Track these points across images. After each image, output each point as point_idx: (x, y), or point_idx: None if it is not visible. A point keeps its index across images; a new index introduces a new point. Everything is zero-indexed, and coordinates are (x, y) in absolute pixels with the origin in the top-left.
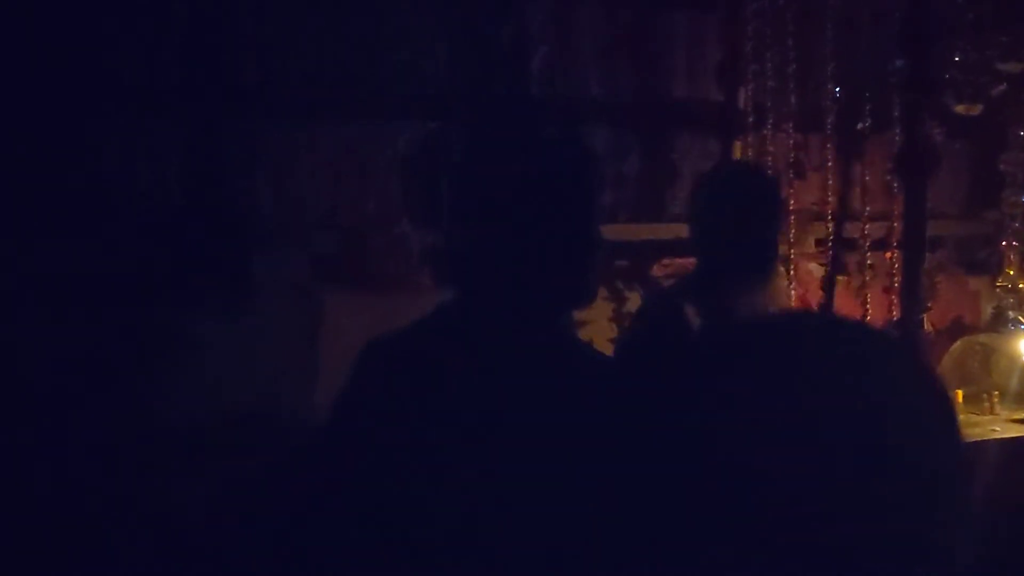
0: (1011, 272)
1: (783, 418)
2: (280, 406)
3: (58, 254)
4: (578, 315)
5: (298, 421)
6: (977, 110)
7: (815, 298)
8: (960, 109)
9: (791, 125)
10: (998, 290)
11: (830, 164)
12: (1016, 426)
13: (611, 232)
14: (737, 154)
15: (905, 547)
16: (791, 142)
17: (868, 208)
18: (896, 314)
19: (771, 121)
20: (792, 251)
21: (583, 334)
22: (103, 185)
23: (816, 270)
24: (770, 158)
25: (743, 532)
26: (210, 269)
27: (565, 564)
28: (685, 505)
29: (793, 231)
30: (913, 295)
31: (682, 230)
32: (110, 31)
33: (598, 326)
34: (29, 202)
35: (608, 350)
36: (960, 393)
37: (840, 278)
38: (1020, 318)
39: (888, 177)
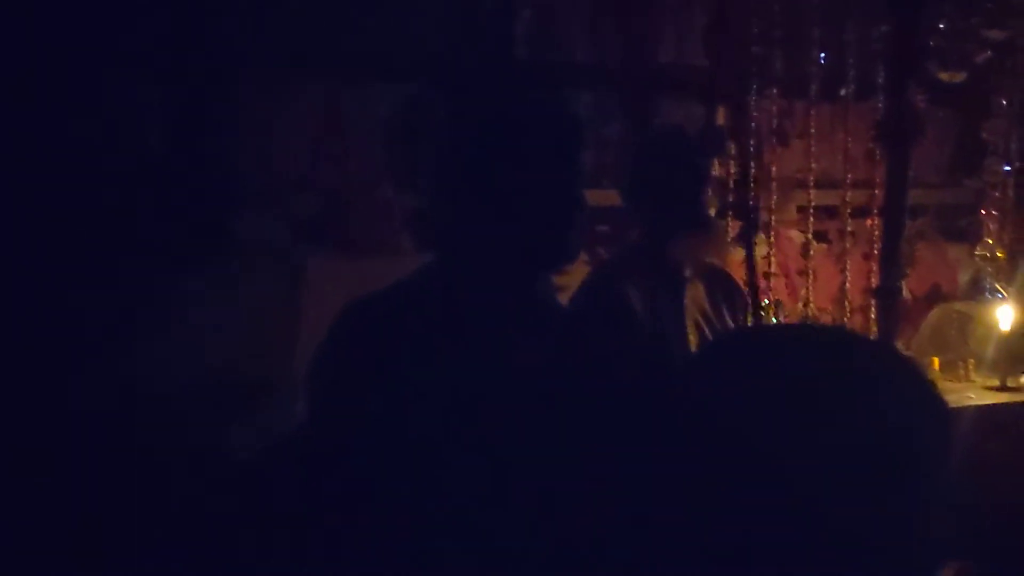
0: (990, 241)
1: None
2: (260, 367)
3: (34, 209)
4: (558, 279)
5: (278, 383)
6: (961, 77)
7: (796, 265)
8: (944, 76)
9: (775, 91)
10: (976, 258)
11: (813, 131)
12: (991, 393)
13: (593, 197)
14: (721, 120)
15: (890, 539)
16: (775, 108)
17: (850, 175)
18: (875, 281)
19: (756, 87)
20: (773, 218)
21: (563, 299)
22: (82, 141)
23: (797, 237)
24: (754, 124)
25: (715, 493)
26: (189, 227)
27: (548, 520)
28: (667, 463)
29: (775, 198)
30: (892, 262)
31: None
32: None
33: None
34: (4, 157)
35: None
36: (936, 360)
37: (820, 245)
38: (997, 286)
39: (871, 144)
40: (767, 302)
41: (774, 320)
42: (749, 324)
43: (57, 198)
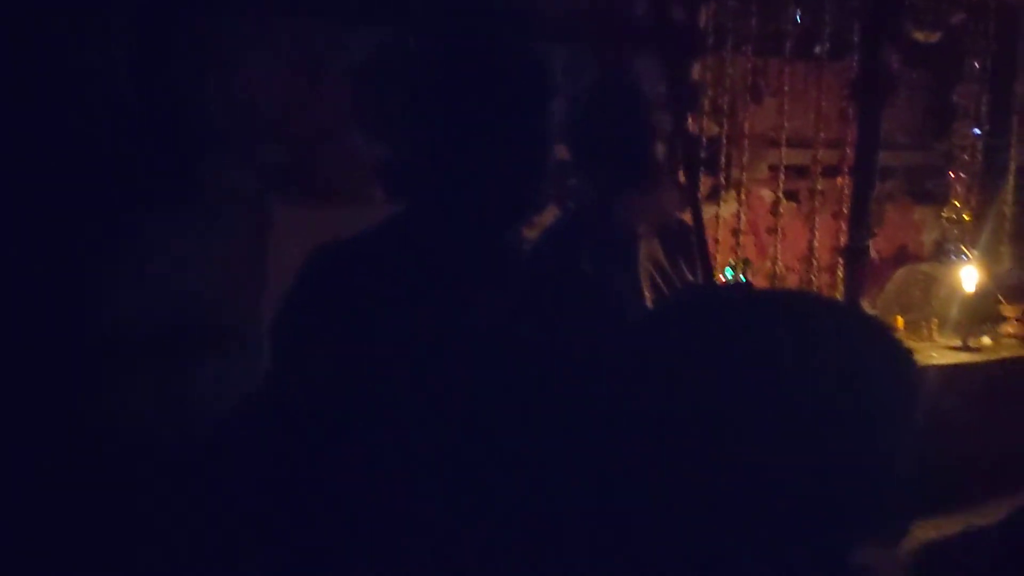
0: (957, 203)
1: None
2: (226, 313)
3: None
4: (528, 232)
5: (245, 329)
6: (936, 37)
7: (765, 223)
8: (919, 36)
9: (750, 48)
10: (943, 220)
11: (787, 89)
12: (953, 353)
13: (565, 151)
14: (696, 75)
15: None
16: (750, 65)
17: (822, 134)
18: (843, 240)
19: (731, 43)
20: (744, 176)
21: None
22: (50, 82)
23: (768, 196)
24: (728, 80)
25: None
26: (155, 172)
27: (510, 467)
28: (637, 417)
29: (747, 156)
30: (861, 222)
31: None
32: None
33: None
34: None
35: None
36: (900, 320)
37: (790, 204)
38: (963, 248)
39: (844, 103)
40: (735, 260)
41: (742, 278)
42: (707, 278)
43: (22, 141)
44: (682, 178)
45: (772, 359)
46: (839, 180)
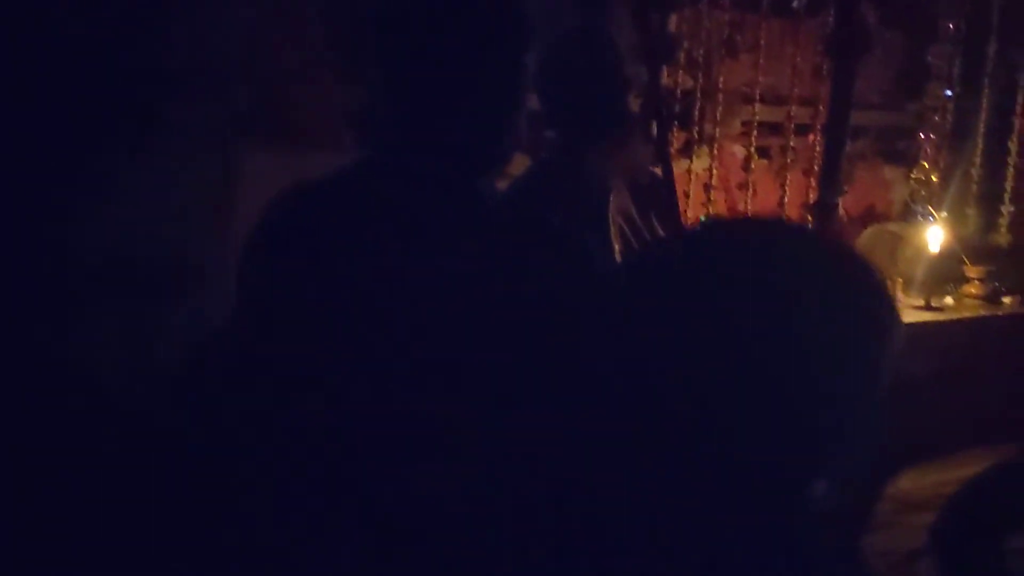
0: (926, 164)
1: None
2: (191, 256)
3: None
4: (500, 183)
5: (210, 272)
6: None
7: (736, 179)
8: None
9: (728, 2)
10: (912, 181)
11: (763, 45)
12: (917, 312)
13: (535, 101)
14: (673, 28)
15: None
16: (727, 19)
17: (796, 90)
18: (813, 197)
19: None
20: (717, 131)
21: None
22: (10, 19)
23: (740, 152)
24: (704, 34)
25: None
26: (119, 112)
27: (479, 411)
28: (600, 367)
29: (720, 111)
30: (831, 179)
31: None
32: None
33: None
34: None
35: None
36: None
37: (761, 161)
38: (930, 209)
39: (819, 59)
40: (706, 215)
41: None
42: (677, 232)
43: None
44: (654, 132)
45: (746, 293)
46: (811, 137)
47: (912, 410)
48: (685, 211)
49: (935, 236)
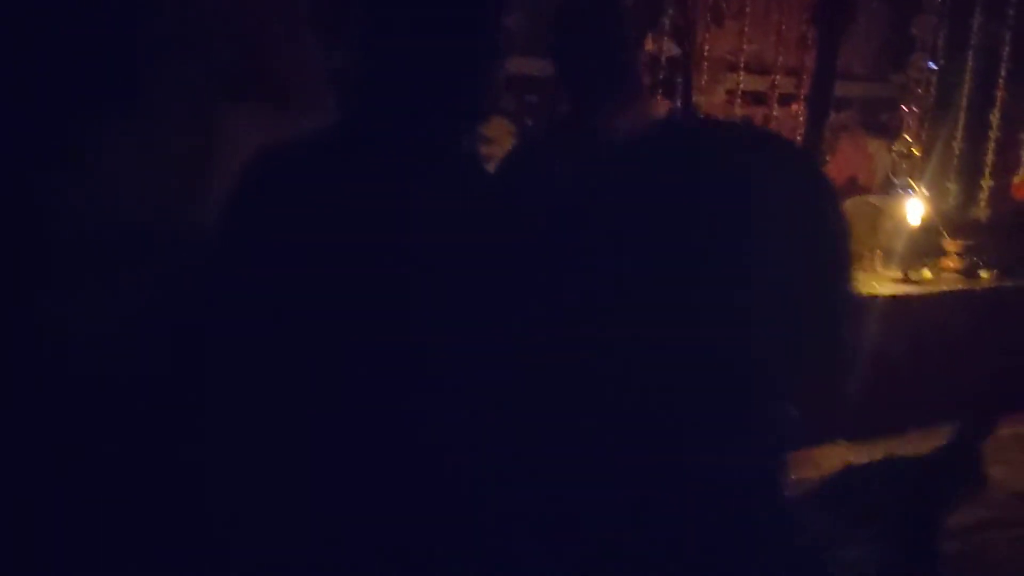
0: (908, 137)
1: (666, 222)
2: (170, 217)
3: None
4: (485, 150)
5: (188, 233)
6: None
7: None
8: None
9: None
10: (894, 153)
11: (748, 11)
12: (895, 285)
13: (519, 66)
14: None
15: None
16: None
17: (781, 59)
18: None
19: None
20: (703, 99)
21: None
22: None
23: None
24: (690, 1)
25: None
26: (95, 72)
27: (456, 370)
28: (583, 318)
29: (705, 80)
30: (813, 149)
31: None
32: None
33: None
34: None
35: None
36: None
37: None
38: (910, 182)
39: (804, 29)
40: None
41: None
42: None
43: None
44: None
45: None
46: (794, 107)
47: (884, 382)
48: None
49: (915, 209)
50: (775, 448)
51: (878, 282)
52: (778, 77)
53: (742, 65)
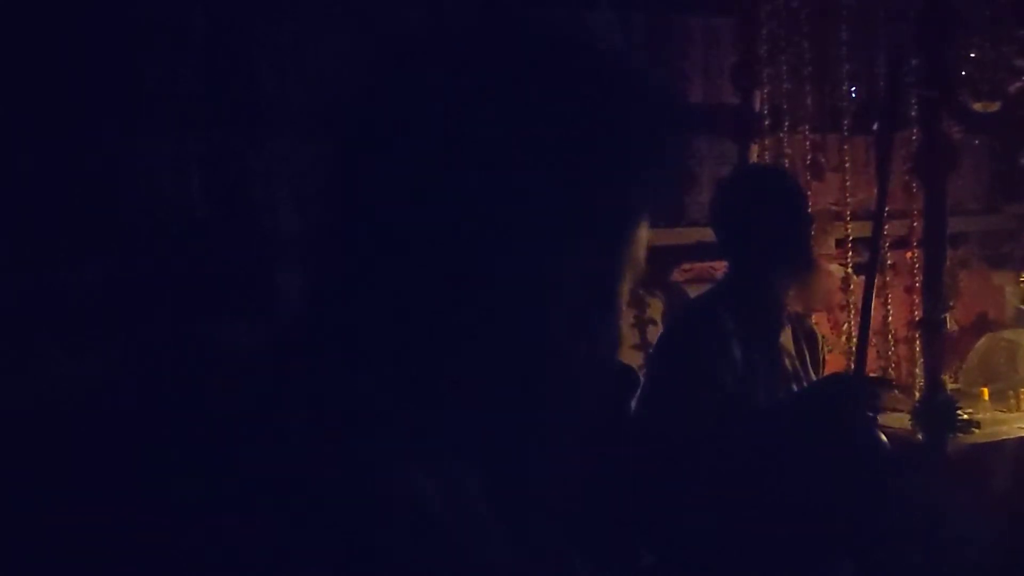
0: None
1: None
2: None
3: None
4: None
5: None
6: (995, 107)
7: (837, 299)
8: (978, 107)
9: (808, 126)
10: (1022, 284)
11: (847, 164)
12: None
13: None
14: (754, 157)
15: None
16: (808, 143)
17: (888, 207)
18: (918, 313)
19: (787, 123)
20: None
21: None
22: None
23: (837, 271)
24: (787, 160)
25: None
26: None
27: None
28: None
29: (813, 231)
30: (935, 293)
31: (701, 234)
32: (131, 44)
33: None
34: (48, 213)
35: (632, 357)
36: (986, 391)
37: (861, 278)
38: None
39: (907, 176)
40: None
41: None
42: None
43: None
44: None
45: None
46: (909, 253)
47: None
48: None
49: None
50: None
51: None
52: (887, 224)
53: (848, 215)
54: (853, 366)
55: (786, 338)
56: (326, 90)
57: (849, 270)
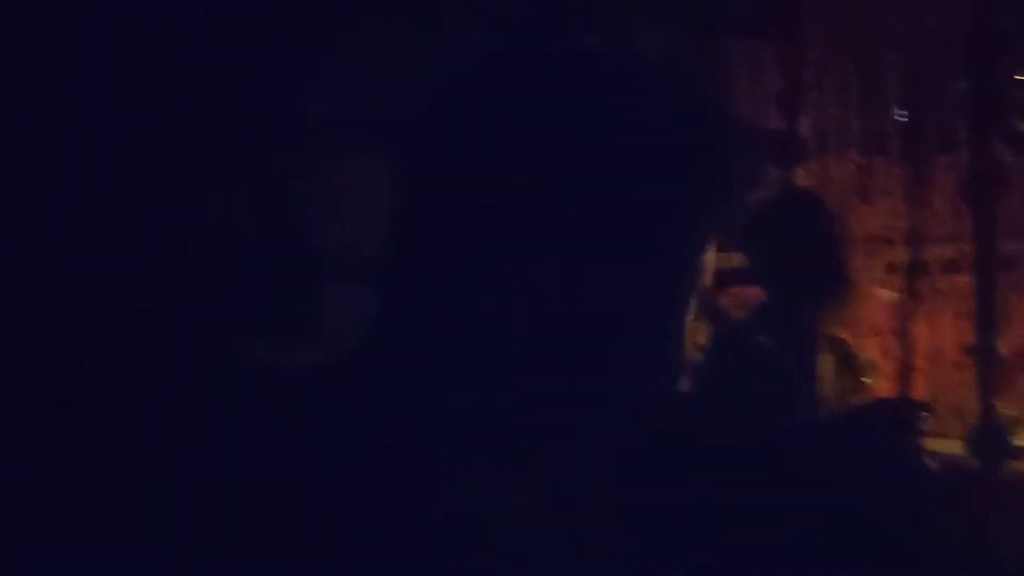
0: None
1: None
2: None
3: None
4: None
5: None
6: None
7: (886, 325)
8: None
9: (855, 151)
10: None
11: (895, 188)
12: None
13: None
14: (801, 181)
15: None
16: (855, 167)
17: (937, 231)
18: (970, 339)
19: (834, 147)
20: (862, 276)
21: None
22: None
23: (885, 295)
24: (833, 184)
25: None
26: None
27: None
28: None
29: (861, 256)
30: (986, 319)
31: (746, 259)
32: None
33: None
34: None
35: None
36: None
37: (908, 303)
38: None
39: (956, 200)
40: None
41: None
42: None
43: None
44: None
45: None
46: (959, 277)
47: None
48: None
49: None
50: None
51: None
52: (938, 248)
53: (896, 239)
54: (901, 391)
55: (826, 363)
56: (381, 108)
57: (898, 295)
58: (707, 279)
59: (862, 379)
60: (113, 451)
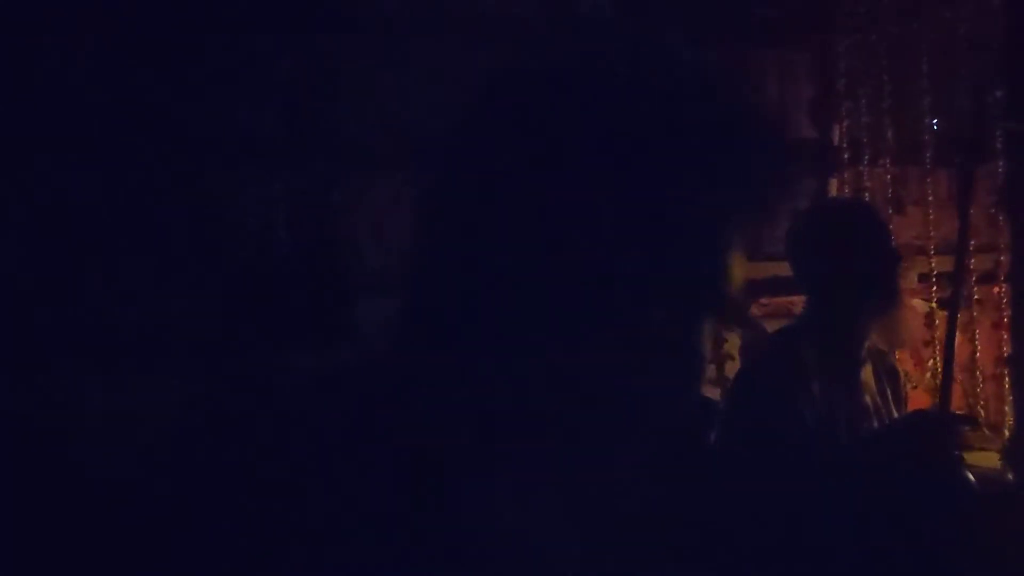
0: None
1: None
2: None
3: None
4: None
5: None
6: None
7: (921, 335)
8: None
9: (888, 160)
10: None
11: (930, 198)
12: None
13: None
14: (834, 191)
15: None
16: (889, 177)
17: (973, 241)
18: (1006, 349)
19: (867, 156)
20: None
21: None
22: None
23: (920, 306)
24: (867, 193)
25: None
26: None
27: None
28: None
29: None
30: (1023, 329)
31: (778, 269)
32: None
33: None
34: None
35: (709, 392)
36: None
37: (943, 313)
38: None
39: (993, 210)
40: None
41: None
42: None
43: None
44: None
45: None
46: (996, 288)
47: None
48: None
49: None
50: None
51: None
52: (973, 258)
53: (931, 249)
54: (938, 403)
55: (867, 375)
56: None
57: (933, 305)
58: (745, 288)
59: (903, 391)
60: (161, 459)
